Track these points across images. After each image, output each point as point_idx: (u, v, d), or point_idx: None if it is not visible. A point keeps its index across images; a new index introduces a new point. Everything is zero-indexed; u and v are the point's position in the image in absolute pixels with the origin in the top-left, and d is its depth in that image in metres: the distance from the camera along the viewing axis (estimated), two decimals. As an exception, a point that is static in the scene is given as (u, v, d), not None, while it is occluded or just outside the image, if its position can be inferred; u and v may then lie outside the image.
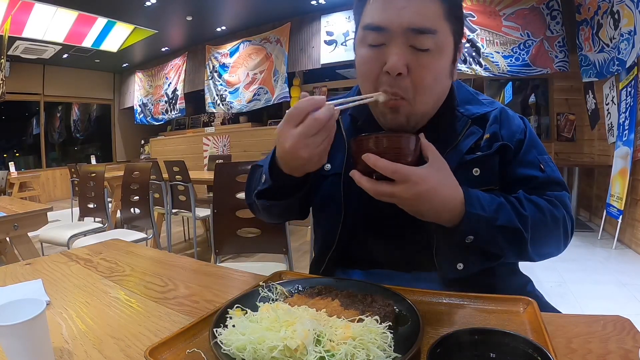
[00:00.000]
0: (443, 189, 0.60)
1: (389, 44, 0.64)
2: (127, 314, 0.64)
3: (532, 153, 0.74)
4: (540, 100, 5.08)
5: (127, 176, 2.61)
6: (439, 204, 0.60)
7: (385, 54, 0.64)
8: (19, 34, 5.79)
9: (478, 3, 4.77)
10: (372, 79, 0.67)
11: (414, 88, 0.65)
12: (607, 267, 2.85)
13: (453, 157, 0.70)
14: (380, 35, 0.64)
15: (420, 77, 0.64)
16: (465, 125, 0.74)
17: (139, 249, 1.07)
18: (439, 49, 0.64)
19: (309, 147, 0.59)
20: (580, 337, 0.48)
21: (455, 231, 0.62)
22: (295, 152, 0.59)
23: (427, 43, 0.62)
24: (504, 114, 0.76)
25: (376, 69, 0.66)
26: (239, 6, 5.95)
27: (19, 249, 2.16)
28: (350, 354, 0.42)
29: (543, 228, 0.67)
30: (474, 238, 0.63)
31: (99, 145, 9.50)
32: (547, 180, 0.73)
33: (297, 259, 3.16)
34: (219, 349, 0.45)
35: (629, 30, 3.12)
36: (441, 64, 0.66)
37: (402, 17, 0.62)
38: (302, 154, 0.59)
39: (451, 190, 0.61)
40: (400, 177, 0.56)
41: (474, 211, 0.61)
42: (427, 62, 0.64)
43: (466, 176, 0.70)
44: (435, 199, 0.59)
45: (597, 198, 4.15)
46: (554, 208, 0.69)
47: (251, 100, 6.62)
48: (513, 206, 0.66)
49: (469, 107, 0.76)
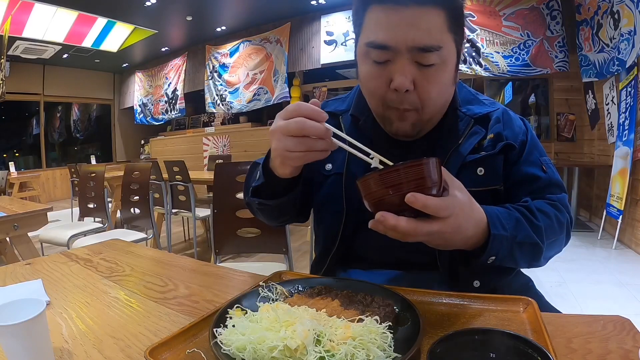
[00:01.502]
0: (474, 213, 0.57)
1: (394, 61, 0.63)
2: (127, 314, 0.64)
3: (534, 154, 0.75)
4: (540, 100, 5.08)
5: (127, 176, 2.61)
6: (472, 231, 0.57)
7: (391, 71, 0.63)
8: (19, 34, 5.79)
9: (478, 3, 4.77)
10: (379, 96, 0.67)
11: (422, 101, 0.65)
12: (607, 267, 2.85)
13: (457, 157, 0.71)
14: (384, 53, 0.63)
15: (427, 91, 0.64)
16: (468, 125, 0.74)
17: (139, 249, 1.07)
18: (443, 62, 0.63)
19: (280, 141, 0.58)
20: (580, 337, 0.48)
21: (480, 254, 0.60)
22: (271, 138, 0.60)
23: (433, 59, 0.62)
24: (506, 114, 0.77)
25: (383, 85, 0.65)
26: (239, 6, 5.95)
27: (19, 249, 2.16)
28: (350, 354, 0.42)
29: (552, 235, 0.68)
30: (495, 258, 0.62)
31: (99, 145, 9.50)
32: (549, 182, 0.73)
33: (297, 259, 3.16)
34: (219, 349, 0.45)
35: (629, 30, 3.12)
36: (446, 76, 0.65)
37: (407, 35, 0.60)
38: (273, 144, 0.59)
39: (479, 214, 0.58)
40: (447, 212, 0.51)
41: (497, 233, 0.59)
42: (432, 76, 0.63)
43: (471, 176, 0.70)
44: (470, 227, 0.56)
45: (597, 198, 4.15)
46: (559, 213, 0.70)
47: (251, 100, 6.62)
48: (527, 219, 0.65)
49: (470, 107, 0.76)
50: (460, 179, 0.61)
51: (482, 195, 0.69)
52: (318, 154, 0.58)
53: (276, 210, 0.76)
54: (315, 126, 0.55)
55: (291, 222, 0.88)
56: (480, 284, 0.70)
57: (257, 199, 0.73)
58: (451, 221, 0.52)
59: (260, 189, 0.72)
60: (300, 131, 0.56)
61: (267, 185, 0.69)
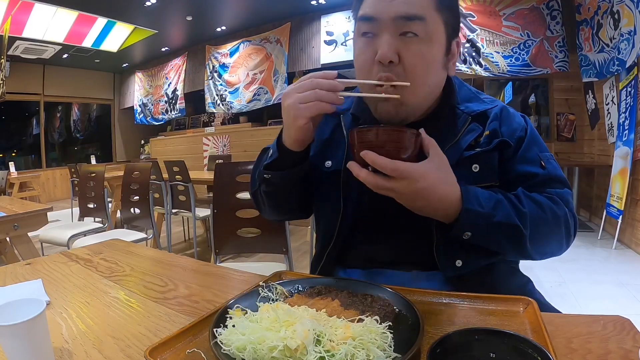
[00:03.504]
0: (441, 185, 0.61)
1: (379, 34, 0.66)
2: (127, 314, 0.64)
3: (533, 150, 0.74)
4: (540, 100, 5.08)
5: (127, 176, 2.61)
6: (437, 201, 0.61)
7: (377, 43, 0.65)
8: (19, 34, 5.79)
9: (478, 3, 4.77)
10: (366, 70, 0.68)
11: (407, 74, 0.65)
12: (607, 267, 2.85)
13: (453, 153, 0.70)
14: (371, 25, 0.66)
15: (412, 64, 0.65)
16: (465, 122, 0.74)
17: (139, 249, 1.07)
18: (428, 36, 0.65)
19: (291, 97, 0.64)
20: (580, 337, 0.48)
21: (453, 227, 0.63)
22: (284, 98, 0.65)
23: (416, 28, 0.64)
24: (504, 111, 0.76)
25: (369, 59, 0.67)
26: (239, 6, 5.95)
27: (19, 249, 2.16)
28: (350, 354, 0.42)
29: (543, 225, 0.67)
30: (471, 234, 0.64)
31: (99, 145, 9.50)
32: (549, 178, 0.72)
33: (297, 259, 3.16)
34: (219, 349, 0.45)
35: (629, 30, 3.12)
36: (432, 52, 0.66)
37: (391, 7, 0.64)
38: (286, 101, 0.65)
39: (449, 187, 0.62)
40: (399, 174, 0.57)
41: (471, 207, 0.62)
42: (417, 48, 0.65)
43: (466, 173, 0.70)
44: (433, 195, 0.60)
45: (597, 198, 4.15)
46: (554, 205, 0.69)
47: (251, 100, 6.62)
48: (511, 203, 0.66)
49: (469, 105, 0.76)
50: (456, 176, 0.64)
51: None
52: (327, 106, 0.63)
53: (283, 192, 0.77)
54: (327, 75, 0.64)
55: (294, 216, 0.88)
56: (463, 264, 0.69)
57: (269, 172, 0.75)
58: (407, 184, 0.58)
59: (272, 166, 0.74)
60: (312, 85, 0.63)
61: (280, 160, 0.73)
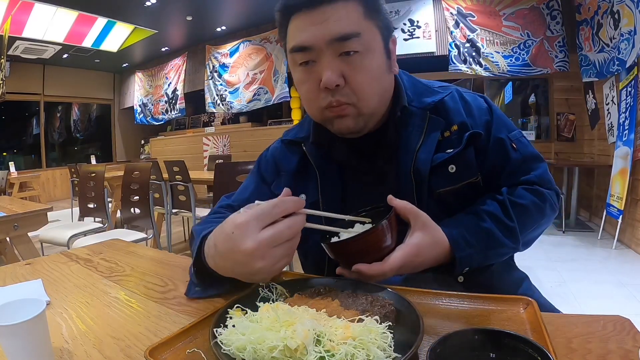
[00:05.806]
0: (433, 251, 0.63)
1: (318, 60, 0.64)
2: (127, 314, 0.64)
3: (502, 132, 0.73)
4: (540, 100, 5.08)
5: (127, 176, 2.61)
6: (432, 262, 0.64)
7: (318, 70, 0.64)
8: (19, 34, 5.79)
9: (478, 3, 4.77)
10: (314, 98, 0.67)
11: (356, 93, 0.64)
12: (607, 267, 2.85)
13: (424, 162, 0.70)
14: (308, 54, 0.64)
15: (358, 82, 0.64)
16: (424, 120, 0.72)
17: (139, 249, 1.07)
18: (367, 49, 0.64)
19: (266, 259, 0.52)
20: (580, 337, 0.48)
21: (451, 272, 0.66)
22: (252, 258, 0.51)
23: (354, 46, 0.62)
24: (461, 98, 0.75)
25: (314, 88, 0.65)
26: (239, 6, 5.95)
27: (19, 249, 2.16)
28: (350, 354, 0.42)
29: (530, 224, 0.70)
30: (468, 269, 0.67)
31: (99, 145, 9.50)
32: (523, 159, 0.73)
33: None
34: (219, 349, 0.45)
35: (629, 30, 3.12)
36: (375, 62, 0.65)
37: (325, 31, 0.62)
38: (257, 264, 0.52)
39: (439, 247, 0.63)
40: (393, 273, 0.59)
41: (463, 254, 0.64)
42: (359, 64, 0.63)
43: (444, 176, 0.70)
44: (427, 261, 0.63)
45: (597, 198, 4.15)
46: (539, 200, 0.71)
47: (251, 100, 6.62)
48: (499, 222, 0.67)
49: (423, 100, 0.74)
50: (434, 181, 0.66)
51: (460, 191, 0.71)
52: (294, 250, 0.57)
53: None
54: (299, 222, 0.55)
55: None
56: (465, 279, 0.70)
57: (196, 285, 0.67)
58: (404, 270, 0.61)
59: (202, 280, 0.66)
60: (291, 235, 0.54)
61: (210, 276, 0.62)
